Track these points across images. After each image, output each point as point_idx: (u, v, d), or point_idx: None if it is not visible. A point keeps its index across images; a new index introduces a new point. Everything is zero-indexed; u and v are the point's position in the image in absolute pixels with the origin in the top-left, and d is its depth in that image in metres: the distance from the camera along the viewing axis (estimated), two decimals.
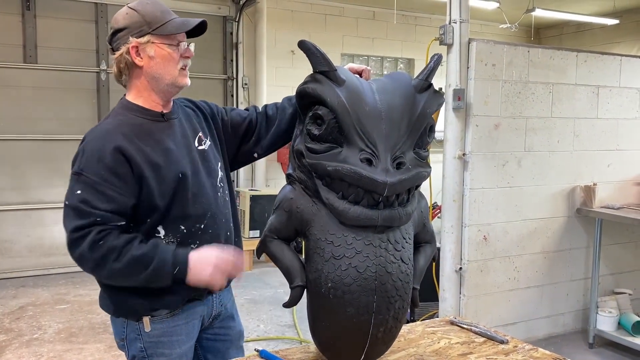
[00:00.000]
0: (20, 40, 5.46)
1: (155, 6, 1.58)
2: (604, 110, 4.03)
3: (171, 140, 1.60)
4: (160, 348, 1.64)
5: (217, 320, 1.79)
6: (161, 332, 1.63)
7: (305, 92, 1.37)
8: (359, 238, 1.30)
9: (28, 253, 5.58)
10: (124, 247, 1.46)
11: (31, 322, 4.23)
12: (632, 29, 7.41)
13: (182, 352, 1.67)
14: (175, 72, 1.59)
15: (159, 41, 1.56)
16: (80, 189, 1.47)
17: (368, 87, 1.37)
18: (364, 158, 1.27)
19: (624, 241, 4.23)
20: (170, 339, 1.64)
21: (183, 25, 1.58)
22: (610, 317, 3.84)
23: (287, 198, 1.42)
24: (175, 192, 1.56)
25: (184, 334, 1.66)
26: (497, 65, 3.55)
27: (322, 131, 1.32)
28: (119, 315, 1.63)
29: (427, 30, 7.26)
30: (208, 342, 1.80)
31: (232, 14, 6.47)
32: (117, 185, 1.48)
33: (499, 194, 3.66)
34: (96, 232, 1.44)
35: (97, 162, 1.48)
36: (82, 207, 1.45)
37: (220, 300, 1.76)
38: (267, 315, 4.46)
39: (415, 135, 1.34)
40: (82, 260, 1.47)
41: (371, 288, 1.29)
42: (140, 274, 1.48)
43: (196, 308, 1.67)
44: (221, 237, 1.66)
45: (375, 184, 1.25)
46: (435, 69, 1.41)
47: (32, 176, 5.53)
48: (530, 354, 1.59)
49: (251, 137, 1.82)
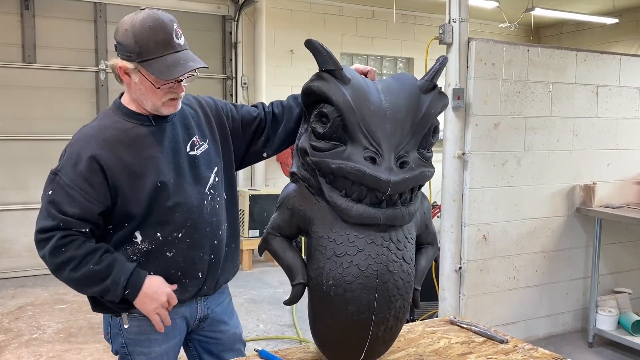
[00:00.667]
0: (19, 40, 5.46)
1: (154, 34, 1.47)
2: (603, 110, 4.02)
3: (156, 146, 1.57)
4: (138, 346, 1.65)
5: (204, 322, 1.77)
6: (138, 329, 1.64)
7: (311, 90, 1.37)
8: (361, 236, 1.31)
9: (27, 253, 5.56)
10: (84, 258, 1.49)
11: (30, 322, 4.22)
12: (631, 28, 7.41)
13: (162, 351, 1.67)
14: (158, 103, 1.54)
15: (145, 74, 1.50)
16: (52, 189, 1.51)
17: (373, 86, 1.37)
18: (367, 156, 1.28)
19: (624, 240, 4.23)
20: (148, 337, 1.65)
21: (170, 71, 1.47)
22: (609, 316, 3.84)
23: (291, 196, 1.42)
24: (152, 200, 1.54)
25: (162, 333, 1.64)
26: (497, 65, 3.55)
27: (326, 129, 1.32)
28: (97, 310, 1.66)
29: (427, 30, 7.26)
30: (201, 344, 1.81)
31: (231, 14, 6.47)
32: (87, 191, 1.49)
33: (498, 194, 3.66)
34: (59, 237, 1.48)
35: (73, 166, 1.50)
36: (50, 209, 1.49)
37: (206, 303, 1.75)
38: (266, 315, 4.46)
39: (419, 135, 1.34)
40: (45, 261, 1.53)
41: (372, 286, 1.29)
42: (92, 287, 1.53)
43: (175, 309, 1.64)
44: (202, 246, 1.63)
45: (379, 182, 1.25)
46: (441, 70, 1.42)
47: (31, 176, 5.52)
48: (530, 354, 1.59)
49: (260, 136, 1.78)
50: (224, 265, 1.72)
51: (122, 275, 1.52)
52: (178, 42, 1.51)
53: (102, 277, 1.50)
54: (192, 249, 1.61)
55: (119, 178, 1.51)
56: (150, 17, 1.49)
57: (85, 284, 1.53)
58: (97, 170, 1.49)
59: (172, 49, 1.50)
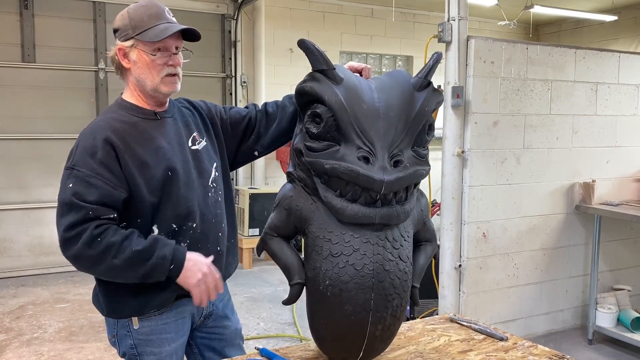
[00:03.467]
0: (18, 40, 5.45)
1: (147, 10, 1.56)
2: (602, 107, 4.03)
3: (163, 138, 1.61)
4: (149, 346, 1.65)
5: (209, 319, 1.79)
6: (149, 329, 1.64)
7: (304, 91, 1.38)
8: (357, 236, 1.31)
9: (27, 252, 5.58)
10: (123, 242, 1.47)
11: (31, 322, 4.23)
12: (630, 25, 7.40)
13: (171, 350, 1.68)
14: (157, 79, 1.58)
15: (141, 46, 1.55)
16: (72, 182, 1.48)
17: (367, 85, 1.37)
18: (361, 156, 1.27)
19: (623, 238, 4.24)
20: (159, 337, 1.65)
21: (162, 32, 1.53)
22: (609, 313, 3.85)
23: (287, 196, 1.42)
24: (164, 188, 1.56)
25: (173, 331, 1.67)
26: (496, 63, 3.56)
27: (320, 129, 1.32)
28: (110, 316, 1.65)
29: (426, 28, 7.26)
30: (203, 341, 1.81)
31: (230, 12, 6.46)
32: (108, 178, 1.49)
33: (498, 191, 3.67)
34: (93, 227, 1.45)
35: (90, 156, 1.50)
36: (74, 201, 1.46)
37: None
38: (267, 313, 4.47)
39: (413, 133, 1.34)
40: (79, 259, 1.48)
41: (368, 286, 1.30)
42: (139, 269, 1.49)
43: (185, 307, 1.67)
44: (209, 237, 1.66)
45: (372, 181, 1.25)
46: (435, 67, 1.41)
47: (31, 175, 5.53)
48: (530, 351, 1.59)
49: (250, 135, 1.82)
50: (228, 259, 1.75)
51: (167, 249, 1.50)
52: (170, 17, 1.59)
53: (147, 256, 1.48)
54: (202, 239, 1.64)
55: (131, 167, 1.53)
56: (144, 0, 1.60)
57: (130, 268, 1.48)
58: (113, 157, 1.51)
59: (165, 20, 1.57)
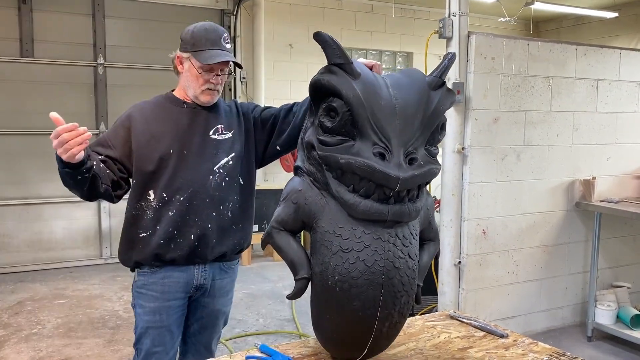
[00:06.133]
0: (17, 35, 5.43)
1: (207, 33, 1.90)
2: (603, 104, 4.02)
3: (181, 123, 1.93)
4: (140, 299, 1.97)
5: (200, 291, 2.01)
6: (141, 284, 1.97)
7: (320, 84, 1.35)
8: (368, 232, 1.30)
9: (26, 248, 5.57)
10: None
11: (30, 317, 4.23)
12: (631, 22, 7.39)
13: (155, 308, 1.94)
14: (198, 90, 1.92)
15: (193, 61, 1.89)
16: None
17: (382, 82, 1.36)
18: (377, 152, 1.26)
19: (623, 235, 4.24)
20: (146, 292, 1.95)
21: (211, 57, 1.86)
22: (608, 310, 3.85)
23: (296, 190, 1.41)
24: (161, 162, 1.88)
25: (158, 291, 1.94)
26: (497, 59, 3.54)
27: (335, 124, 1.31)
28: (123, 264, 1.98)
29: (426, 24, 7.23)
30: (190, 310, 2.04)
31: (230, 8, 6.43)
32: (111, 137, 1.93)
33: (498, 188, 3.66)
34: None
35: (114, 123, 1.99)
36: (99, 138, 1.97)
37: (204, 274, 1.98)
38: (266, 310, 4.47)
39: (427, 132, 1.33)
40: None
41: (378, 282, 1.29)
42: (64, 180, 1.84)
43: (174, 272, 1.94)
44: (201, 214, 1.91)
45: (388, 178, 1.24)
46: (449, 67, 1.40)
47: (30, 171, 5.52)
48: (531, 348, 1.59)
49: (274, 131, 2.02)
50: (221, 239, 1.95)
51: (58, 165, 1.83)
52: (225, 45, 1.92)
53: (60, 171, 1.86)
54: (189, 212, 1.90)
55: (140, 134, 1.89)
56: (209, 23, 1.95)
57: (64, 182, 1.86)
58: (126, 127, 1.91)
59: (218, 47, 1.89)
